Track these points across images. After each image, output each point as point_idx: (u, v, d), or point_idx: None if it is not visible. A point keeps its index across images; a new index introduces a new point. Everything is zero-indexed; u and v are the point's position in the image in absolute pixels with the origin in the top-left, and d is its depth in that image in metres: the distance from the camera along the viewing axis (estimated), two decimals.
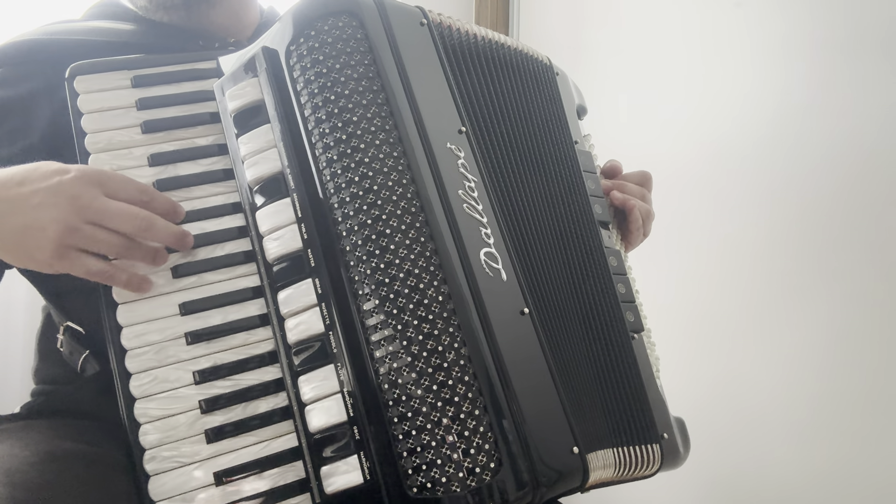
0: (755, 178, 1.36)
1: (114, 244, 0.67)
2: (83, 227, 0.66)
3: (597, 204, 0.87)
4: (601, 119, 1.48)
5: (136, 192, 0.69)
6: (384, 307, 0.65)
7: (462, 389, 0.63)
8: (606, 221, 0.87)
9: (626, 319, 0.81)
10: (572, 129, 0.89)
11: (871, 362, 1.21)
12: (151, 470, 0.66)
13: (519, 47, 0.87)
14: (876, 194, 1.21)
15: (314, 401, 0.67)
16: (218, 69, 0.80)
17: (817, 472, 1.26)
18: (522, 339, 0.69)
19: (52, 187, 0.65)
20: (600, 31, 1.66)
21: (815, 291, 1.28)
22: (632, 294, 0.84)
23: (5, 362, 1.25)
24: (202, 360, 0.70)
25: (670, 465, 0.80)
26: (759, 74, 1.36)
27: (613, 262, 0.84)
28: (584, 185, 0.86)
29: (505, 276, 0.70)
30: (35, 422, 0.82)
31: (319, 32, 0.72)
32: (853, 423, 1.22)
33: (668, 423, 0.81)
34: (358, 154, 0.69)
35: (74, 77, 0.77)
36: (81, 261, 0.67)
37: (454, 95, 0.76)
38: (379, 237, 0.67)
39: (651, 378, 0.81)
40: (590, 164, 0.89)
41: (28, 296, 1.23)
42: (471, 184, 0.72)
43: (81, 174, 0.67)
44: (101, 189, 0.67)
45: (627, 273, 0.87)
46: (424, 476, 0.61)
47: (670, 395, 0.84)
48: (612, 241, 0.87)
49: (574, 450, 0.66)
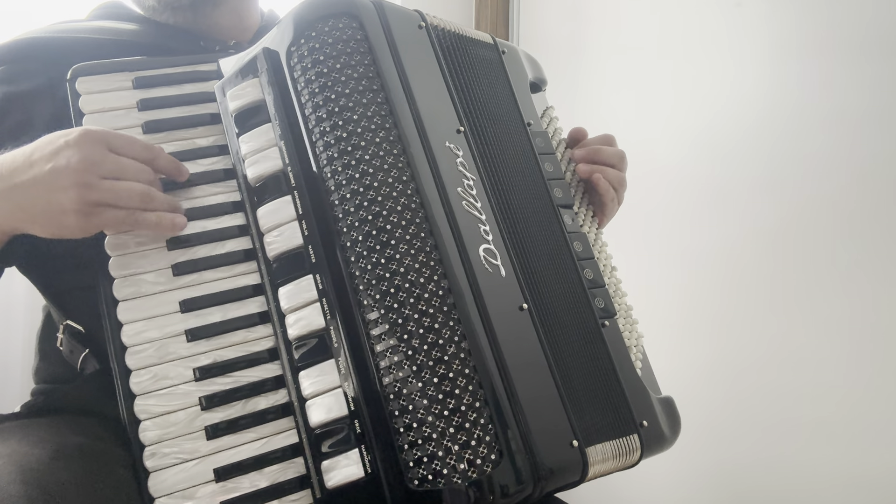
0: (755, 177, 1.37)
1: (134, 194, 0.68)
2: (100, 182, 0.67)
3: (556, 187, 0.84)
4: (601, 119, 1.48)
5: (141, 148, 0.71)
6: (385, 302, 0.66)
7: (462, 382, 0.63)
8: (569, 204, 0.85)
9: (594, 306, 0.80)
10: (524, 110, 0.86)
11: (867, 358, 1.22)
12: (151, 466, 0.66)
13: (471, 35, 0.85)
14: (876, 194, 1.22)
15: (315, 395, 0.67)
16: (218, 71, 0.81)
17: (813, 468, 1.27)
18: (521, 334, 0.69)
19: (60, 150, 0.66)
20: (600, 31, 1.67)
21: (811, 288, 1.29)
22: (600, 278, 0.82)
23: (5, 362, 1.25)
24: (202, 357, 0.70)
25: (655, 451, 0.79)
26: (759, 74, 1.37)
27: (578, 246, 0.82)
28: (541, 168, 0.84)
29: (504, 271, 0.71)
30: (38, 419, 0.82)
31: (320, 33, 0.73)
32: (849, 418, 1.23)
33: (649, 408, 0.79)
34: (358, 151, 0.69)
35: (76, 78, 0.77)
36: (109, 214, 0.68)
37: (452, 96, 0.77)
38: (379, 233, 0.67)
39: (627, 363, 0.80)
40: (546, 146, 0.87)
41: (28, 296, 1.22)
42: (469, 182, 0.73)
43: (85, 133, 0.68)
44: (106, 146, 0.68)
45: (597, 254, 0.85)
46: (426, 468, 0.62)
47: (664, 390, 0.84)
48: (575, 223, 0.84)
49: (573, 443, 0.67)
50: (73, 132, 0.68)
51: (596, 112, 1.54)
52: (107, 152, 0.68)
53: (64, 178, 0.66)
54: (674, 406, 0.84)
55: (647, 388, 0.81)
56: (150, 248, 0.73)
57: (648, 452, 0.78)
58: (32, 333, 0.90)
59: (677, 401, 0.83)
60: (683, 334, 1.45)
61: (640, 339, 0.86)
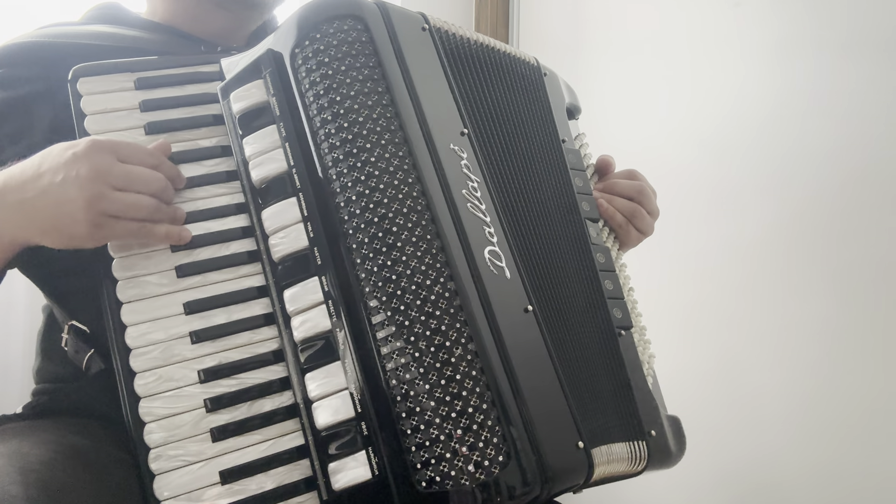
0: (755, 177, 1.37)
1: (143, 205, 0.69)
2: (110, 193, 0.67)
3: (584, 201, 0.87)
4: (601, 119, 1.48)
5: (146, 155, 0.71)
6: (391, 303, 0.66)
7: (470, 384, 0.64)
8: (595, 218, 0.88)
9: (612, 316, 0.82)
10: (560, 127, 0.90)
11: (869, 360, 1.22)
12: (157, 469, 0.66)
13: (507, 50, 0.88)
14: (876, 194, 1.22)
15: (321, 398, 0.67)
16: (221, 72, 0.81)
17: (815, 470, 1.27)
18: (527, 335, 0.69)
19: (68, 161, 0.67)
20: (600, 31, 1.67)
21: (815, 290, 1.29)
22: (620, 291, 0.85)
23: (5, 362, 1.24)
24: (207, 359, 0.70)
25: (660, 464, 0.80)
26: (760, 74, 1.37)
27: (601, 258, 0.85)
28: (572, 182, 0.87)
29: (509, 274, 0.71)
30: (40, 421, 0.81)
31: (325, 35, 0.73)
32: (851, 420, 1.23)
33: (657, 421, 0.80)
34: (364, 153, 0.69)
35: (77, 79, 0.77)
36: (119, 225, 0.68)
37: (456, 98, 0.78)
38: (385, 234, 0.67)
39: (639, 373, 0.81)
40: (578, 163, 0.90)
41: (28, 296, 1.22)
42: (474, 184, 0.73)
43: (92, 143, 0.68)
44: (114, 155, 0.68)
45: (618, 270, 0.87)
46: (433, 470, 0.62)
47: (667, 391, 0.84)
48: (600, 237, 0.88)
49: (579, 444, 0.67)
50: (81, 143, 0.68)
51: (596, 112, 1.53)
52: (115, 162, 0.68)
53: (74, 189, 0.66)
54: (680, 426, 0.85)
55: (656, 401, 0.82)
56: (154, 250, 0.73)
57: (653, 464, 0.78)
58: (32, 333, 0.89)
59: (684, 401, 0.84)
60: (690, 335, 1.45)
61: (652, 359, 0.87)
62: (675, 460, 0.83)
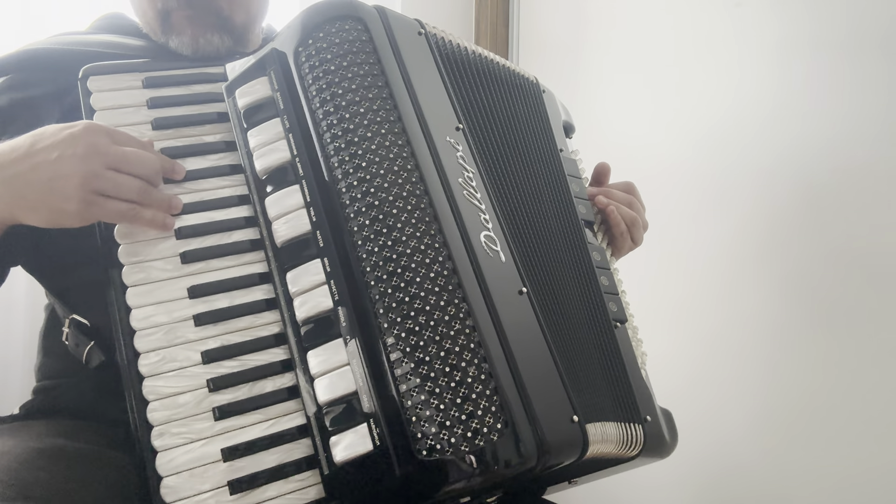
0: (755, 176, 1.35)
1: (134, 187, 0.70)
2: (104, 172, 0.68)
3: (580, 205, 0.91)
4: (602, 119, 1.49)
5: (139, 144, 0.73)
6: (391, 281, 0.68)
7: (468, 356, 0.66)
8: (590, 221, 0.92)
9: (608, 309, 0.85)
10: (557, 138, 0.95)
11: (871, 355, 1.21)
12: (160, 446, 0.67)
13: (506, 64, 0.93)
14: (876, 194, 1.21)
15: (323, 374, 0.69)
16: (225, 74, 0.84)
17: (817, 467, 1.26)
18: (521, 315, 0.72)
19: (65, 139, 0.68)
20: (600, 31, 1.65)
21: (818, 288, 1.27)
22: (615, 287, 0.88)
23: (5, 362, 1.23)
24: (210, 341, 0.72)
25: (655, 451, 0.82)
26: (759, 74, 1.36)
27: (597, 256, 0.88)
28: (569, 186, 0.91)
29: (503, 257, 0.74)
30: (32, 422, 0.82)
31: (327, 34, 0.77)
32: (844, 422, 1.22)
33: (652, 407, 0.83)
34: (365, 142, 0.73)
35: (87, 77, 0.80)
36: (109, 204, 0.69)
37: (450, 97, 0.81)
38: (386, 217, 0.70)
39: (634, 365, 0.84)
40: (574, 170, 0.94)
41: (28, 296, 1.22)
42: (469, 174, 0.77)
43: (89, 125, 0.70)
44: (110, 137, 0.70)
45: (612, 271, 0.91)
46: (433, 439, 0.63)
47: (660, 391, 0.86)
48: (595, 239, 0.91)
49: (574, 418, 0.69)
50: (78, 124, 0.70)
51: (596, 112, 1.50)
52: (111, 143, 0.70)
53: (69, 165, 0.68)
54: (672, 419, 0.88)
55: (650, 391, 0.84)
56: (159, 237, 0.75)
57: (648, 451, 0.80)
58: (33, 333, 0.90)
59: (678, 400, 0.86)
60: (683, 334, 1.43)
61: (645, 357, 0.89)
62: (668, 450, 0.84)
